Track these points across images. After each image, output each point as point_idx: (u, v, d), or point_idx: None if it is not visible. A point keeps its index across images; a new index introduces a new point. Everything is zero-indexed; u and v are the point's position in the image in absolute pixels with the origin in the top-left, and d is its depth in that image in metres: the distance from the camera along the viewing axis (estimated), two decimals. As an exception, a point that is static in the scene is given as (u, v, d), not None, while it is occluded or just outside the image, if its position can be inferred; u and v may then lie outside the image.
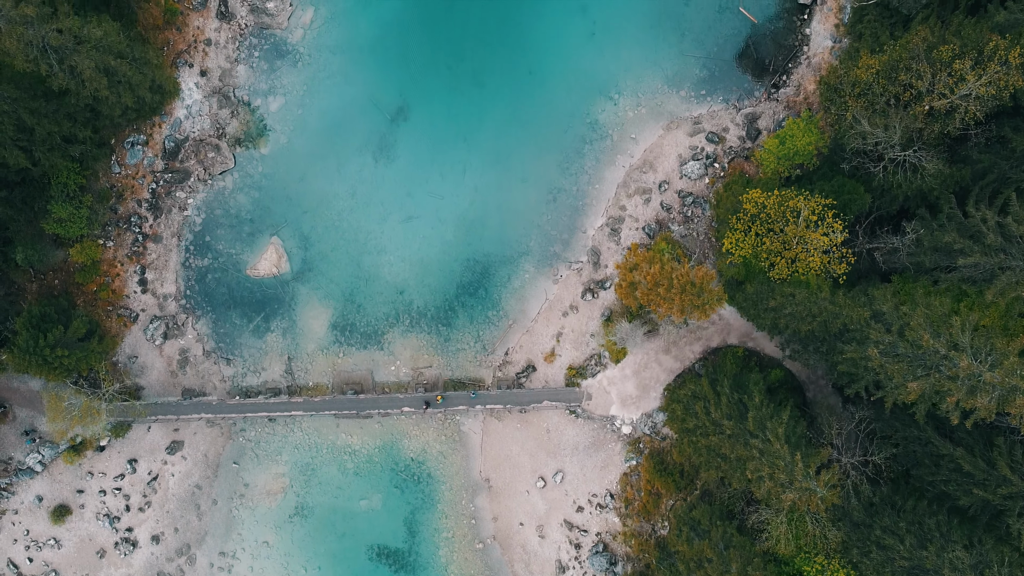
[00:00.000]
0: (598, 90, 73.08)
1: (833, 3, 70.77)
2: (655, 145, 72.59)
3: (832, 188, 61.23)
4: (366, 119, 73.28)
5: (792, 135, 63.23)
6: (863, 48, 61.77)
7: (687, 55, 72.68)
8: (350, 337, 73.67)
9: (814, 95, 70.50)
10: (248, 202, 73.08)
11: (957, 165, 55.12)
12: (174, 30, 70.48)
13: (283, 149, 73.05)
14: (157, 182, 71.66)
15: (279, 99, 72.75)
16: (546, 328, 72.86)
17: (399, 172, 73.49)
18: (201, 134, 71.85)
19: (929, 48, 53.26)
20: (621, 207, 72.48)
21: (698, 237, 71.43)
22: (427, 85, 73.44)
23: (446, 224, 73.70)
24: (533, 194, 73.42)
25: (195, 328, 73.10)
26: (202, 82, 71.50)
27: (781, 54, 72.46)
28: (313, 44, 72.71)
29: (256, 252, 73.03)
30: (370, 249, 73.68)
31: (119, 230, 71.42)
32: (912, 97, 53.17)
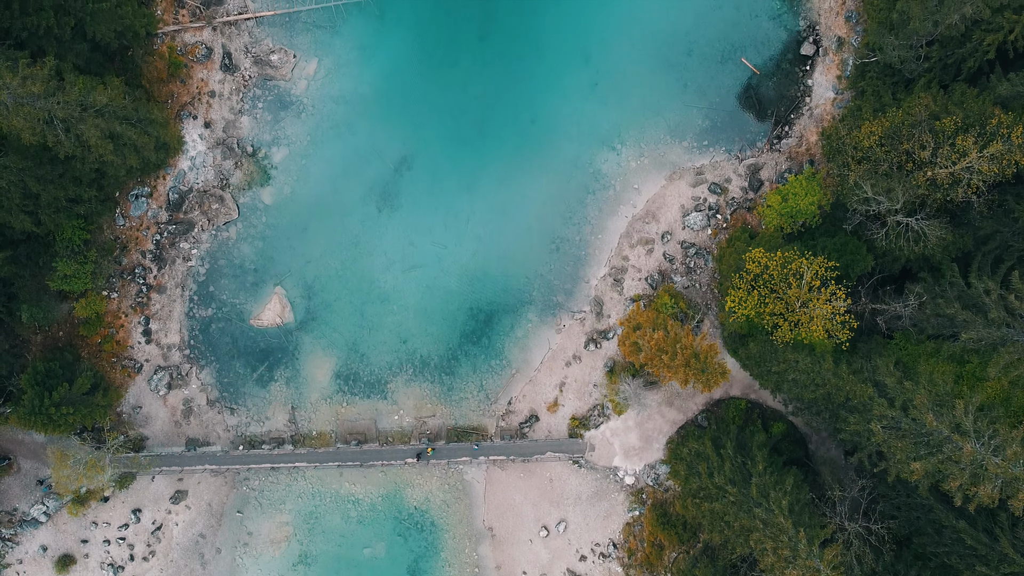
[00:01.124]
0: (601, 140, 73.31)
1: (835, 55, 71.00)
2: (658, 195, 72.80)
3: (835, 246, 61.47)
4: (369, 169, 73.50)
5: (795, 193, 63.43)
6: (865, 105, 62.03)
7: (690, 105, 72.88)
8: (353, 386, 73.88)
9: (816, 146, 70.73)
10: (252, 252, 73.28)
11: (959, 231, 55.31)
12: (178, 83, 70.67)
13: (287, 199, 73.26)
14: (161, 233, 71.86)
15: (283, 150, 72.96)
16: (549, 378, 73.07)
17: (402, 221, 73.70)
18: (205, 185, 72.06)
19: (932, 116, 53.49)
20: (624, 257, 72.69)
21: (700, 288, 71.64)
22: (430, 135, 73.68)
23: (449, 273, 73.90)
24: (536, 243, 73.63)
25: (199, 378, 73.30)
26: (206, 134, 71.69)
27: (783, 105, 72.66)
28: (317, 95, 72.90)
29: (260, 302, 73.22)
30: (373, 298, 73.89)
31: (123, 281, 71.62)
32: (915, 166, 53.35)
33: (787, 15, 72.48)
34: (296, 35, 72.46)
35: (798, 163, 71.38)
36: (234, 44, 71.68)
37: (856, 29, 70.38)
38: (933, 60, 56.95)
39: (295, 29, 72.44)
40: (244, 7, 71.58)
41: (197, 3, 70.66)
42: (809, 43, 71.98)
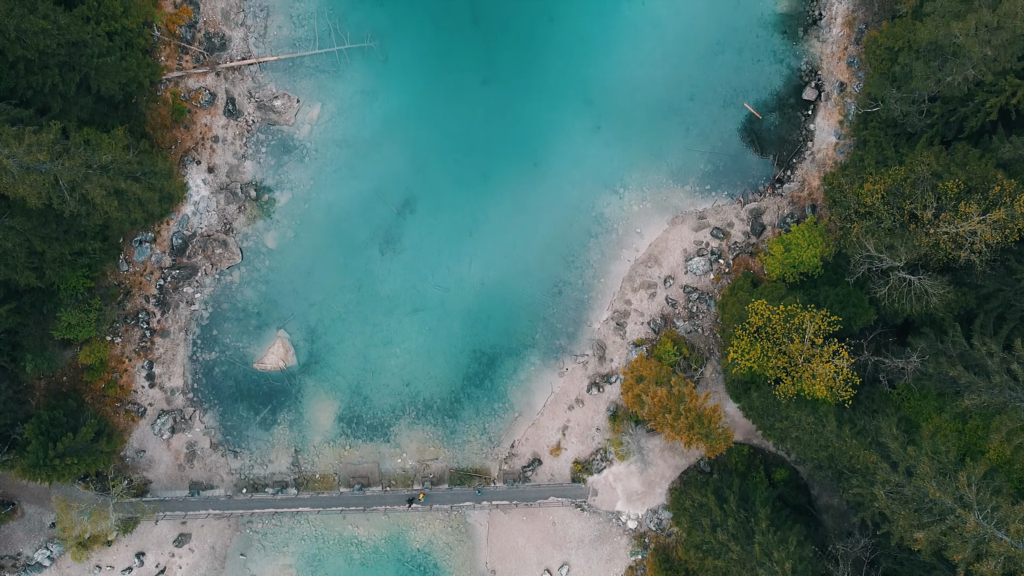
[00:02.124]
0: (603, 183, 73.50)
1: (837, 100, 71.20)
2: (660, 239, 72.98)
3: (837, 297, 61.65)
4: (372, 212, 73.66)
5: (797, 244, 63.59)
6: (867, 156, 62.27)
7: (692, 149, 73.09)
8: (356, 429, 74.02)
9: (818, 191, 70.95)
10: (255, 296, 73.42)
11: (962, 288, 55.46)
12: (182, 128, 70.83)
13: (290, 243, 73.40)
14: (165, 278, 71.99)
15: (286, 194, 73.11)
16: (552, 421, 73.22)
17: (405, 265, 73.86)
18: (208, 229, 72.21)
19: (934, 175, 53.69)
20: (626, 301, 72.85)
21: (703, 333, 71.81)
22: (433, 178, 73.86)
23: (452, 316, 74.04)
24: (539, 287, 73.80)
25: (202, 421, 73.42)
26: (209, 178, 71.85)
27: (785, 149, 72.89)
28: (320, 139, 73.06)
29: (263, 345, 73.35)
30: (376, 341, 74.03)
31: (127, 326, 71.73)
32: (917, 226, 53.51)
33: (789, 60, 72.70)
34: (299, 80, 72.62)
35: (800, 207, 71.59)
36: (237, 89, 71.84)
37: (858, 75, 70.59)
38: (935, 116, 57.16)
39: (298, 74, 72.59)
40: (247, 52, 71.74)
41: (200, 49, 70.83)
42: (811, 88, 72.21)
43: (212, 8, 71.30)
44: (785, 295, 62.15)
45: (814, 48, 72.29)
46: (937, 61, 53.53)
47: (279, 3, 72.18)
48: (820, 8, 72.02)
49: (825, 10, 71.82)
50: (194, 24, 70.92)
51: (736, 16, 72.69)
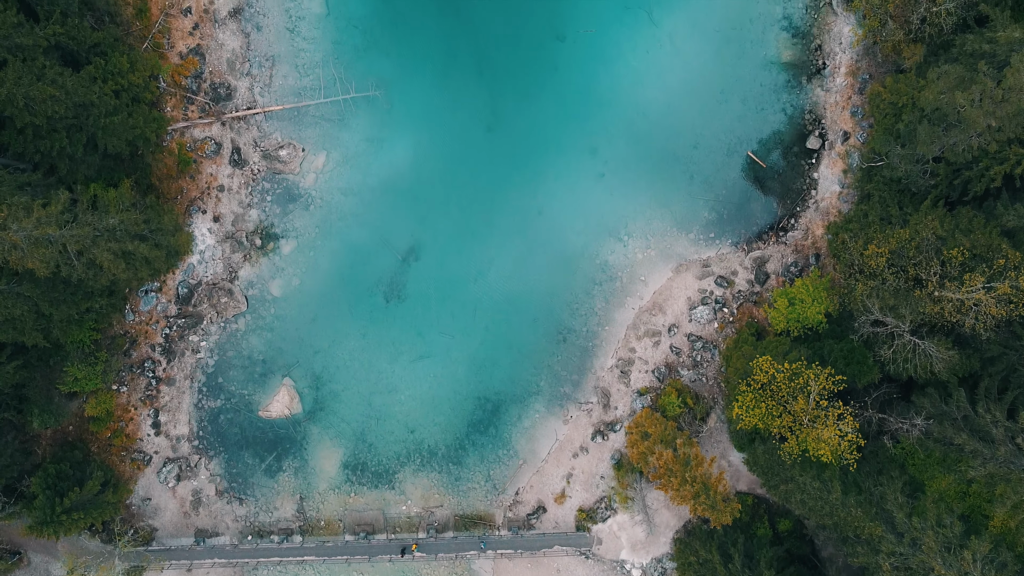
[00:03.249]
0: (608, 231, 73.70)
1: (841, 149, 71.39)
2: (664, 287, 73.16)
3: (842, 352, 61.77)
4: (377, 260, 73.88)
5: (801, 299, 63.76)
6: (871, 212, 62.41)
7: (696, 198, 73.32)
8: (361, 476, 74.18)
9: (822, 240, 71.13)
10: (260, 343, 73.61)
11: (966, 351, 55.57)
12: (187, 178, 71.06)
13: (295, 291, 73.60)
14: (170, 327, 72.21)
15: (291, 242, 73.32)
16: (556, 469, 73.37)
17: (410, 312, 74.05)
18: (214, 278, 72.42)
19: (938, 239, 53.83)
20: (631, 349, 73.01)
21: (707, 382, 71.98)
22: (438, 226, 74.09)
23: (457, 363, 74.23)
24: (543, 334, 73.98)
25: (208, 468, 73.59)
26: (215, 228, 72.08)
27: (789, 197, 73.11)
28: (325, 187, 73.28)
29: (268, 393, 73.54)
30: (381, 388, 74.22)
31: (132, 375, 71.93)
32: (922, 292, 53.64)
33: (793, 109, 72.92)
34: (305, 128, 72.86)
35: (804, 256, 71.76)
36: (243, 139, 72.07)
37: (861, 124, 70.80)
38: (940, 177, 57.32)
39: (303, 123, 72.84)
40: (253, 102, 71.97)
41: (206, 99, 71.07)
42: (815, 137, 72.41)
43: (218, 58, 71.56)
44: (789, 350, 62.29)
45: (818, 97, 72.50)
46: (941, 126, 53.71)
47: (284, 53, 72.45)
48: (824, 58, 72.22)
49: (828, 60, 72.03)
50: (200, 74, 71.18)
51: (740, 65, 72.92)
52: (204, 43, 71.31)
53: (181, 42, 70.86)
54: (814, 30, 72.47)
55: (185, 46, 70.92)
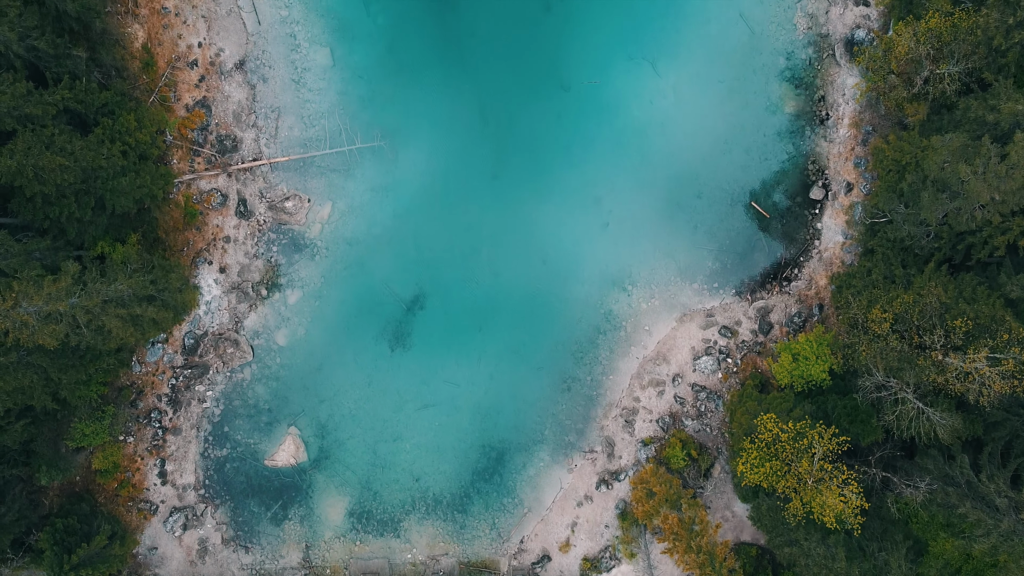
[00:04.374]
0: (612, 281, 74.04)
1: (844, 200, 71.74)
2: (668, 337, 73.49)
3: (846, 410, 62.15)
4: (382, 309, 74.24)
5: (805, 356, 64.06)
6: (875, 270, 62.76)
7: (700, 247, 73.68)
8: (367, 524, 74.50)
9: (825, 290, 71.48)
10: (266, 393, 73.97)
11: (969, 415, 55.90)
12: (194, 230, 71.45)
13: (300, 340, 73.95)
14: (176, 377, 72.57)
15: (297, 292, 73.67)
16: (561, 517, 73.70)
17: (415, 361, 74.41)
18: (220, 328, 72.79)
19: (943, 307, 54.15)
20: (635, 398, 73.35)
21: (711, 432, 72.30)
22: (443, 274, 74.45)
23: (462, 412, 74.58)
24: (548, 383, 74.33)
25: (214, 517, 73.92)
26: (221, 278, 72.43)
27: (792, 248, 73.44)
28: (330, 238, 73.65)
29: (274, 441, 73.88)
30: (386, 437, 74.56)
31: (139, 425, 72.28)
32: (926, 359, 53.94)
33: (796, 159, 73.28)
34: (310, 179, 73.24)
35: (808, 306, 72.09)
36: (249, 190, 72.45)
37: (864, 175, 71.18)
38: (943, 240, 57.63)
39: (309, 173, 73.22)
40: (259, 153, 72.35)
41: (212, 151, 71.45)
42: (818, 187, 72.75)
43: (224, 110, 71.94)
44: (793, 407, 62.61)
45: (821, 148, 72.85)
46: (945, 194, 54.03)
47: (290, 104, 72.83)
48: (827, 108, 72.58)
49: (832, 111, 72.40)
50: (206, 127, 71.55)
51: (744, 115, 73.29)
52: (210, 95, 71.68)
53: (187, 94, 71.24)
54: (817, 81, 72.83)
55: (191, 98, 71.31)
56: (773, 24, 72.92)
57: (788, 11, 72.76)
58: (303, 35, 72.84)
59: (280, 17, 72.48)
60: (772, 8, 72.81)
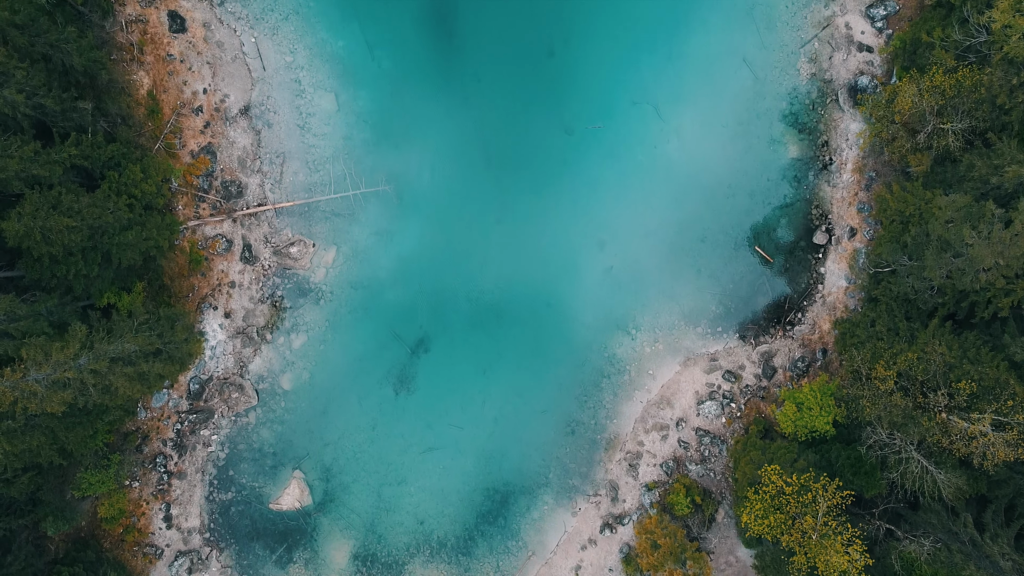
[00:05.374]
0: (616, 324, 74.23)
1: (847, 244, 71.91)
2: (672, 381, 73.67)
3: (849, 461, 62.34)
4: (387, 352, 74.44)
5: (809, 407, 64.21)
6: (879, 321, 62.89)
7: (703, 291, 73.86)
8: (371, 567, 74.64)
9: (829, 335, 71.66)
10: (271, 436, 74.16)
11: (973, 473, 56.03)
12: (199, 276, 71.64)
13: (305, 384, 74.15)
14: (182, 422, 72.76)
15: (302, 336, 73.87)
16: (565, 561, 73.86)
17: (419, 404, 74.62)
18: (225, 373, 72.98)
19: (946, 365, 54.31)
20: (639, 442, 73.54)
21: (715, 477, 72.46)
22: (447, 318, 74.65)
23: (466, 455, 74.77)
24: (552, 426, 74.52)
25: (219, 560, 74.09)
26: (226, 323, 72.62)
27: (796, 292, 73.60)
28: (335, 282, 73.85)
29: (279, 485, 74.05)
30: (391, 480, 74.75)
31: (144, 470, 72.45)
32: (930, 419, 54.10)
33: (800, 204, 73.50)
34: (315, 224, 73.44)
35: (811, 351, 72.25)
36: (254, 235, 72.64)
37: (867, 221, 71.35)
38: (947, 296, 57.77)
39: (314, 218, 73.41)
40: (264, 199, 72.56)
41: (217, 197, 71.66)
42: (822, 231, 72.94)
43: (229, 156, 72.14)
44: (797, 457, 62.76)
45: (824, 192, 73.05)
46: (949, 253, 54.18)
47: (295, 149, 73.03)
48: (830, 153, 72.78)
49: (835, 156, 72.59)
50: (211, 173, 71.75)
51: (747, 160, 73.50)
52: (215, 141, 71.89)
53: (193, 140, 71.44)
54: (820, 126, 73.03)
55: (197, 144, 71.51)
56: (776, 69, 73.13)
57: (791, 56, 72.96)
58: (308, 80, 73.06)
59: (285, 63, 72.70)
60: (775, 53, 73.02)
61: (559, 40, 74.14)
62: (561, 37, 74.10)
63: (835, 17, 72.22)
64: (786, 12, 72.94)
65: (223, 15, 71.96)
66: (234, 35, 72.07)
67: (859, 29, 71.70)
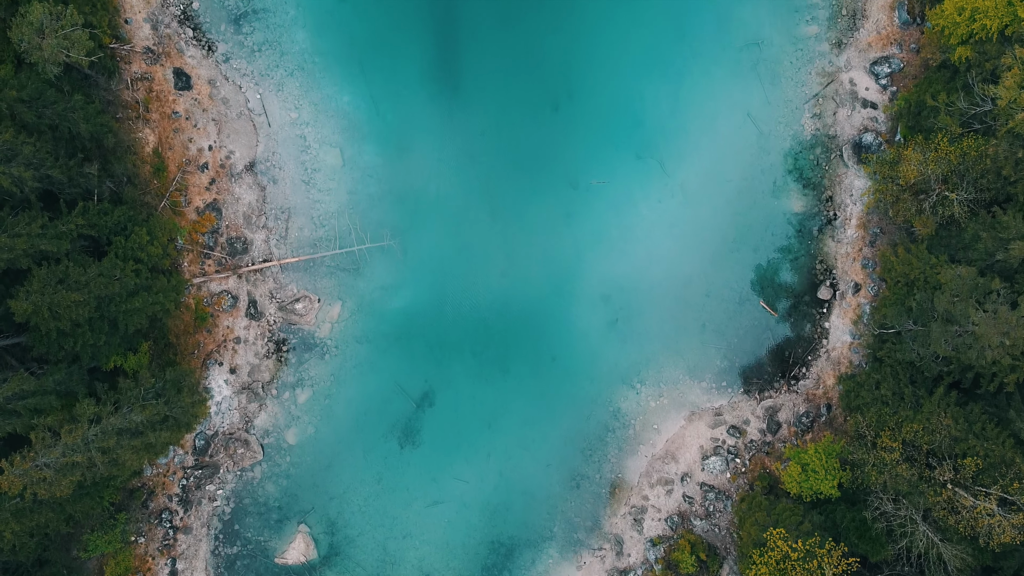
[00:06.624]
0: (620, 379, 74.36)
1: (852, 299, 72.04)
2: (677, 436, 73.79)
3: (854, 523, 62.52)
4: (392, 406, 74.56)
5: (814, 470, 64.27)
6: (884, 384, 62.92)
7: (708, 345, 73.98)
8: (377, 621, 74.86)
9: (833, 390, 71.78)
10: (276, 490, 74.25)
11: (979, 546, 56.11)
12: (204, 332, 71.76)
13: (310, 439, 74.27)
14: (187, 477, 72.85)
15: (307, 391, 73.99)
16: (570, 615, 74.07)
17: (424, 457, 74.73)
18: (230, 428, 73.10)
19: (951, 439, 54.43)
20: (644, 497, 73.65)
21: (720, 532, 72.58)
22: (452, 371, 74.79)
23: (471, 508, 74.87)
24: (557, 480, 74.62)
25: (224, 614, 74.30)
26: (231, 379, 72.75)
27: (800, 346, 73.71)
28: (340, 337, 73.96)
29: (284, 539, 74.14)
30: (396, 534, 74.84)
31: (150, 525, 72.55)
32: (935, 494, 54.21)
33: (804, 259, 73.62)
34: (320, 279, 73.55)
35: (816, 406, 72.37)
36: (259, 291, 72.76)
37: (872, 277, 71.46)
38: (952, 366, 57.87)
39: (319, 273, 73.54)
40: (269, 254, 72.68)
41: (223, 254, 71.78)
42: (826, 287, 73.06)
43: (234, 212, 72.28)
44: (802, 520, 62.84)
45: (829, 248, 73.17)
46: (954, 327, 54.31)
47: (300, 205, 73.15)
48: (834, 209, 72.91)
49: (839, 211, 72.72)
50: (216, 230, 71.87)
51: (752, 215, 73.63)
52: (221, 198, 72.03)
53: (198, 197, 71.57)
54: (825, 181, 73.17)
55: (202, 201, 71.64)
56: (781, 124, 73.28)
57: (796, 112, 73.10)
58: (313, 136, 73.20)
59: (290, 119, 72.83)
60: (780, 109, 73.17)
61: (564, 94, 74.29)
62: (566, 91, 74.25)
63: (839, 73, 72.37)
64: (790, 67, 73.09)
65: (228, 72, 72.11)
66: (239, 91, 72.23)
67: (863, 85, 71.84)
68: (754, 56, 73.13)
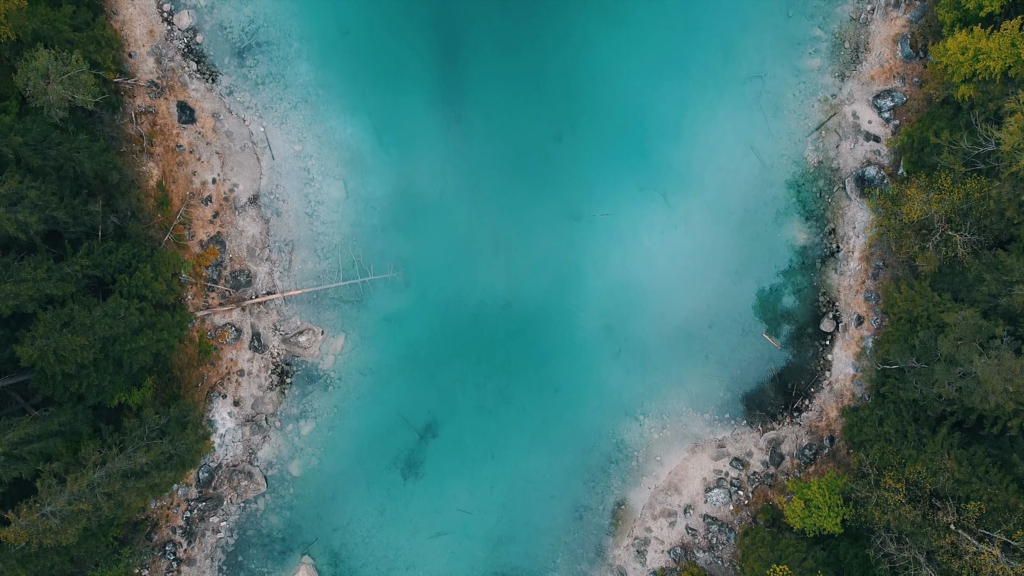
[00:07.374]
0: (623, 410, 74.44)
1: (855, 332, 72.12)
2: (680, 467, 73.86)
3: (858, 560, 62.53)
4: (395, 437, 74.68)
5: (818, 506, 64.30)
6: (887, 420, 62.99)
7: (711, 377, 74.05)
8: (380, 652, 74.94)
9: (836, 422, 71.84)
10: (280, 522, 74.36)
11: (983, 584, 56.25)
12: (208, 365, 71.86)
13: (314, 470, 74.36)
14: (191, 509, 72.97)
15: (310, 423, 74.10)
16: (573, 646, 74.14)
17: (427, 489, 74.83)
18: (234, 460, 73.21)
19: (956, 482, 54.48)
20: (647, 528, 73.72)
21: (723, 564, 72.67)
22: (455, 403, 74.89)
23: (474, 540, 74.95)
24: (560, 511, 74.69)
25: (228, 646, 74.38)
26: (235, 411, 72.87)
27: (803, 379, 73.79)
28: (343, 368, 74.08)
29: (288, 570, 74.23)
30: (399, 565, 74.91)
31: (154, 557, 72.65)
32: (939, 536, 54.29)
33: (807, 291, 73.69)
34: (323, 311, 73.67)
35: (818, 438, 72.46)
36: (263, 323, 72.88)
37: (875, 309, 71.56)
38: (956, 406, 57.96)
39: (322, 305, 73.65)
40: (272, 287, 72.80)
41: (227, 287, 71.90)
42: (829, 319, 73.11)
43: (238, 245, 72.40)
44: (805, 557, 62.89)
45: (832, 280, 73.25)
46: (958, 370, 54.40)
47: (304, 237, 73.28)
48: (837, 241, 73.00)
49: (842, 243, 72.81)
50: (220, 263, 71.98)
51: (755, 247, 73.70)
52: (224, 231, 72.15)
53: (202, 230, 71.69)
54: (828, 214, 73.25)
55: (206, 234, 71.76)
56: (784, 157, 73.37)
57: (799, 144, 73.21)
58: (317, 168, 73.33)
59: (294, 152, 72.95)
60: (782, 141, 73.26)
61: (567, 126, 74.41)
62: (569, 123, 74.37)
63: (842, 106, 72.46)
64: (793, 100, 73.19)
65: (232, 105, 72.25)
66: (243, 125, 72.37)
67: (866, 119, 71.94)
68: (757, 88, 73.23)
